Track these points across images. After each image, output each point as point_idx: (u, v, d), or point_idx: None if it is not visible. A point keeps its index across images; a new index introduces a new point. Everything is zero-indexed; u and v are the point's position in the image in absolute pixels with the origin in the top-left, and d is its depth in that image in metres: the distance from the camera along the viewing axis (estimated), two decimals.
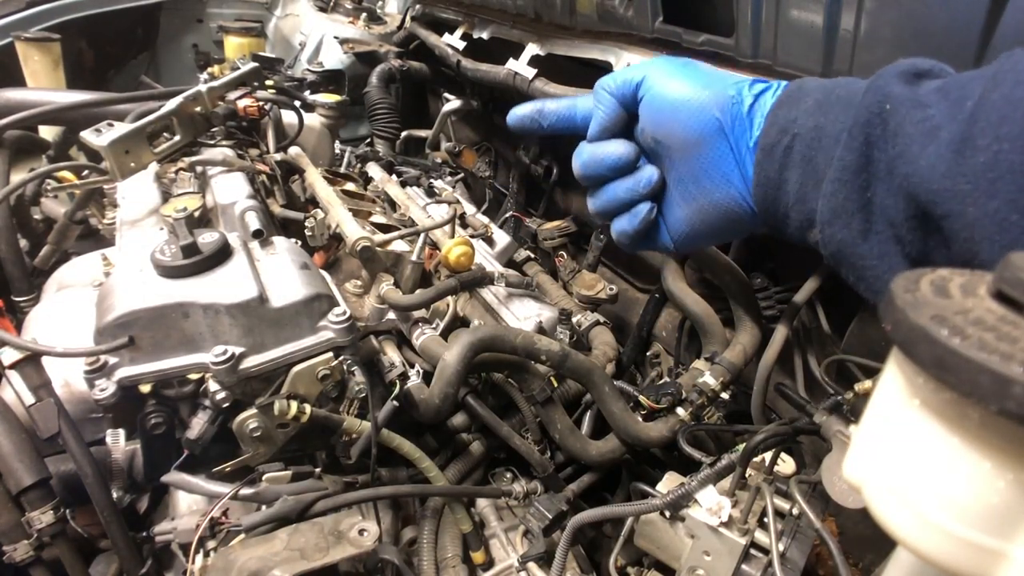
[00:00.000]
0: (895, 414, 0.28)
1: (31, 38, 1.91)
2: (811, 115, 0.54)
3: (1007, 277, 0.26)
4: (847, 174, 0.50)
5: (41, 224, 1.51)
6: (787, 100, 0.57)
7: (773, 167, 0.56)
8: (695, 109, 0.61)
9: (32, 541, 0.76)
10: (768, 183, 0.57)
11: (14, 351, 0.81)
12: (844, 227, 0.51)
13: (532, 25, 1.62)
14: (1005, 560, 0.25)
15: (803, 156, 0.54)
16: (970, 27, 0.70)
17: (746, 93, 0.60)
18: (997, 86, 0.41)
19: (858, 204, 0.50)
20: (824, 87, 0.55)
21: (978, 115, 0.41)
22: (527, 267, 1.50)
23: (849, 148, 0.49)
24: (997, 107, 0.40)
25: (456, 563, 0.96)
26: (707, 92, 0.61)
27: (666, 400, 1.05)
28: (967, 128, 0.41)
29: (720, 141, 0.61)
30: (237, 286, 0.84)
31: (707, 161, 0.62)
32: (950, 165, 0.42)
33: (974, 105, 0.41)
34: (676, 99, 0.63)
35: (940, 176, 0.42)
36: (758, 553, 0.78)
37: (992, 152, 0.39)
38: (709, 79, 0.63)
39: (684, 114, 0.62)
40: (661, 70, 0.65)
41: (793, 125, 0.55)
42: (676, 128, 0.63)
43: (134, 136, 1.14)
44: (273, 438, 0.87)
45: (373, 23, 2.66)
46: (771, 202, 0.58)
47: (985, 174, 0.39)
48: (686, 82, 0.63)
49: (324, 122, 1.67)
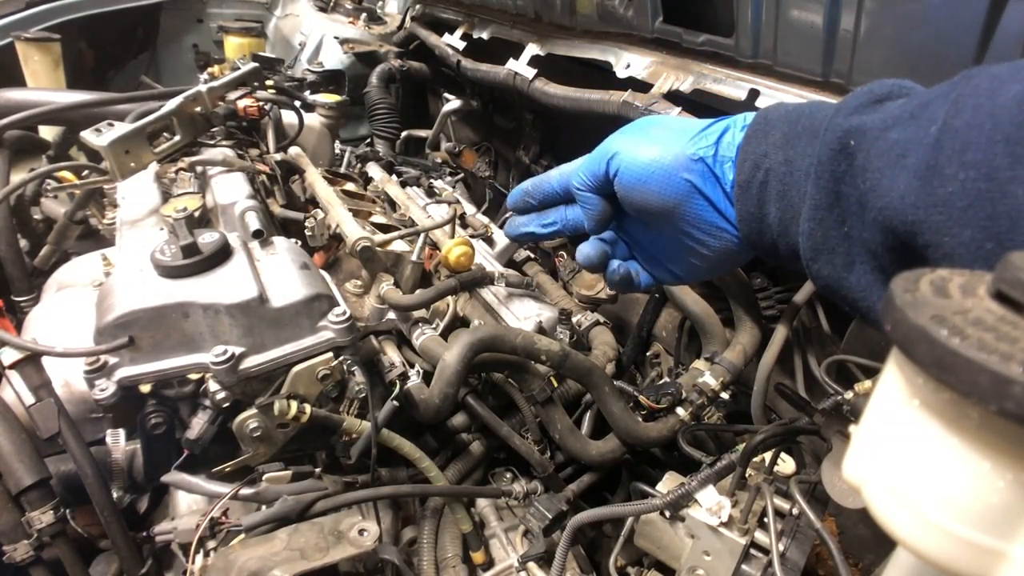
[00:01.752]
0: (895, 414, 0.28)
1: (31, 38, 1.92)
2: (780, 148, 0.54)
3: (1006, 277, 0.26)
4: (820, 212, 0.50)
5: (41, 224, 1.51)
6: (755, 134, 0.57)
7: (752, 203, 0.57)
8: (662, 178, 0.62)
9: (32, 541, 0.76)
10: (751, 218, 0.58)
11: (14, 351, 0.81)
12: (827, 263, 0.51)
13: (532, 25, 1.62)
14: (1005, 560, 0.25)
15: (778, 192, 0.54)
16: (970, 27, 0.70)
17: (705, 146, 0.60)
18: (959, 112, 0.40)
19: (837, 239, 0.50)
20: (789, 117, 0.56)
21: (943, 142, 0.40)
22: (527, 267, 1.50)
23: (818, 187, 0.50)
24: (960, 134, 0.40)
25: (456, 563, 0.96)
26: (669, 157, 0.61)
27: (666, 400, 1.05)
28: (933, 156, 0.41)
29: (696, 199, 0.61)
30: (237, 286, 0.84)
31: (691, 218, 0.63)
32: (920, 196, 0.41)
33: (938, 131, 0.41)
34: (642, 171, 0.63)
35: (912, 207, 0.42)
36: (758, 553, 0.78)
37: (959, 181, 0.39)
38: (669, 140, 0.63)
39: (653, 184, 0.62)
40: (623, 142, 0.65)
41: (764, 160, 0.55)
42: (650, 198, 0.63)
43: (134, 136, 1.14)
44: (273, 438, 0.87)
45: (373, 23, 2.66)
46: (757, 235, 0.59)
47: (955, 203, 0.39)
48: (649, 148, 0.63)
49: (324, 122, 1.67)
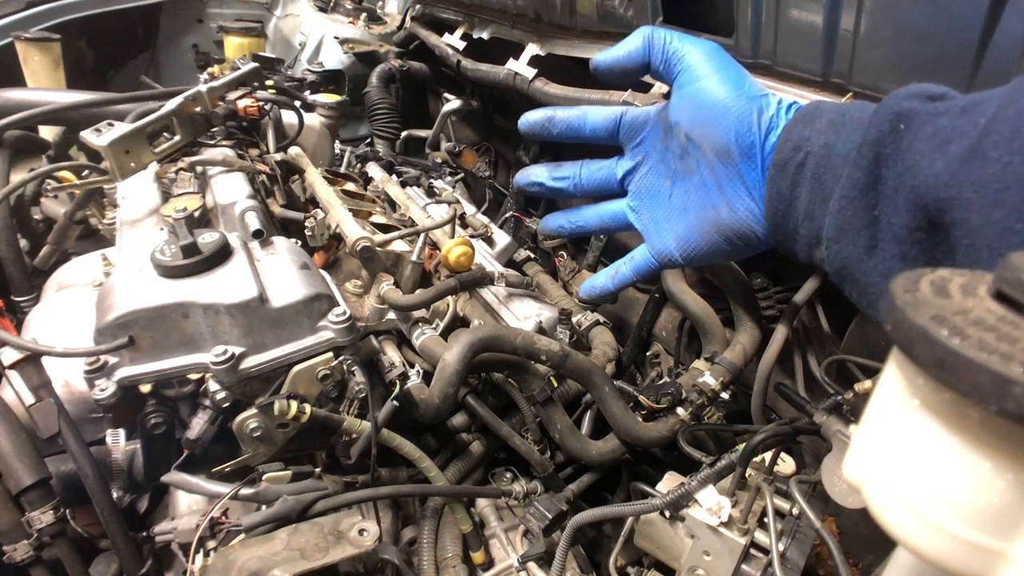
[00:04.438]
0: (895, 414, 0.28)
1: (31, 38, 1.91)
2: (823, 133, 0.55)
3: (1007, 277, 0.26)
4: (855, 191, 0.50)
5: (41, 224, 1.51)
6: (802, 118, 0.58)
7: (785, 183, 0.57)
8: (734, 119, 0.61)
9: (32, 541, 0.76)
10: (780, 199, 0.58)
11: (14, 351, 0.81)
12: (850, 244, 0.51)
13: (532, 25, 1.62)
14: (1005, 560, 0.25)
15: (813, 174, 0.55)
16: (970, 27, 0.70)
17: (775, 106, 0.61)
18: (1012, 103, 0.41)
19: (865, 221, 0.50)
20: (838, 108, 0.57)
21: (991, 128, 0.41)
22: (527, 267, 1.50)
23: (858, 166, 0.50)
24: (1011, 121, 0.40)
25: (456, 563, 0.96)
26: (745, 101, 0.61)
27: (666, 400, 1.05)
28: (979, 140, 0.42)
29: (752, 155, 0.61)
30: (237, 286, 0.84)
31: (733, 173, 0.62)
32: (955, 174, 0.42)
33: (988, 120, 0.42)
34: (718, 103, 0.62)
35: (945, 184, 0.43)
36: (758, 553, 0.78)
37: (1002, 164, 0.40)
38: (748, 86, 0.62)
39: (725, 122, 0.62)
40: (703, 61, 0.64)
41: (806, 143, 0.56)
42: (716, 133, 0.63)
43: (134, 136, 1.14)
44: (273, 438, 0.87)
45: (373, 23, 2.66)
46: (782, 218, 0.59)
47: (992, 184, 0.40)
48: (728, 86, 0.62)
49: (324, 122, 1.67)
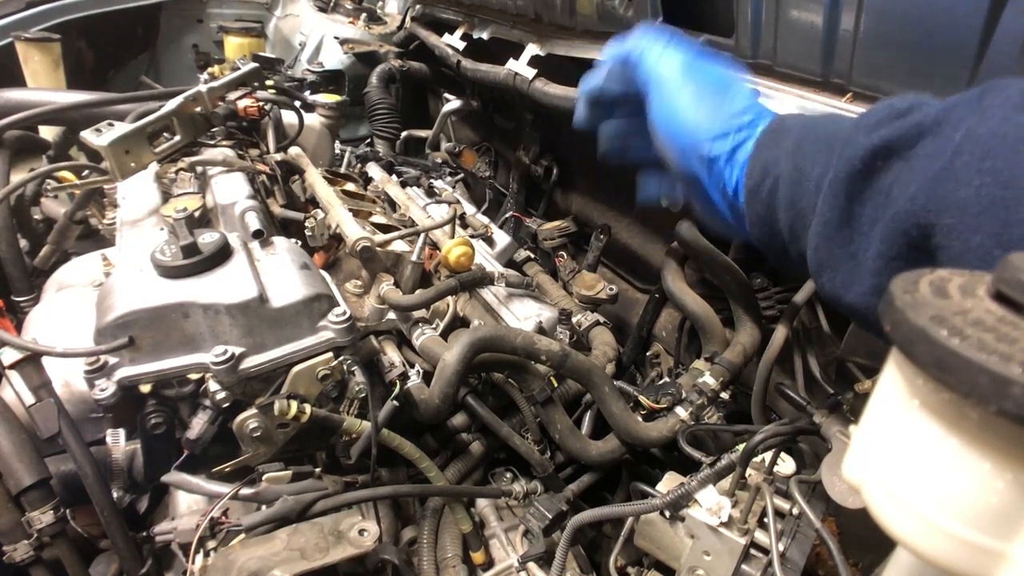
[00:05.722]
0: (894, 415, 0.28)
1: (31, 38, 1.91)
2: (791, 156, 0.54)
3: (1006, 278, 0.26)
4: (828, 229, 0.50)
5: (41, 224, 1.51)
6: (768, 139, 0.57)
7: (762, 208, 0.57)
8: (689, 145, 0.61)
9: (32, 541, 0.76)
10: (761, 222, 0.58)
11: (14, 351, 0.81)
12: (829, 280, 0.51)
13: (532, 25, 1.62)
14: (1005, 560, 0.25)
15: (788, 200, 0.54)
16: (970, 27, 0.70)
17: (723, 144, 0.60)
18: (984, 120, 0.40)
19: (842, 258, 0.50)
20: (803, 126, 0.55)
21: (963, 148, 0.40)
22: (527, 267, 1.50)
23: (830, 205, 0.49)
24: (982, 141, 0.39)
25: (456, 563, 0.96)
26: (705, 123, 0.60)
27: (666, 400, 1.05)
28: (951, 160, 0.41)
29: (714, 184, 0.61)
30: (237, 286, 0.84)
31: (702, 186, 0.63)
32: (931, 197, 0.41)
33: (961, 138, 0.41)
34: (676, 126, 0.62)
35: (923, 208, 0.42)
36: (758, 553, 0.78)
37: (974, 187, 0.39)
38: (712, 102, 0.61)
39: (679, 143, 0.62)
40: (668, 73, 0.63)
41: (775, 166, 0.55)
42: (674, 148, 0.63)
43: (134, 136, 1.14)
44: (273, 438, 0.87)
45: (373, 23, 2.66)
46: (768, 239, 0.59)
47: (968, 209, 0.39)
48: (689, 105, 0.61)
49: (324, 122, 1.67)
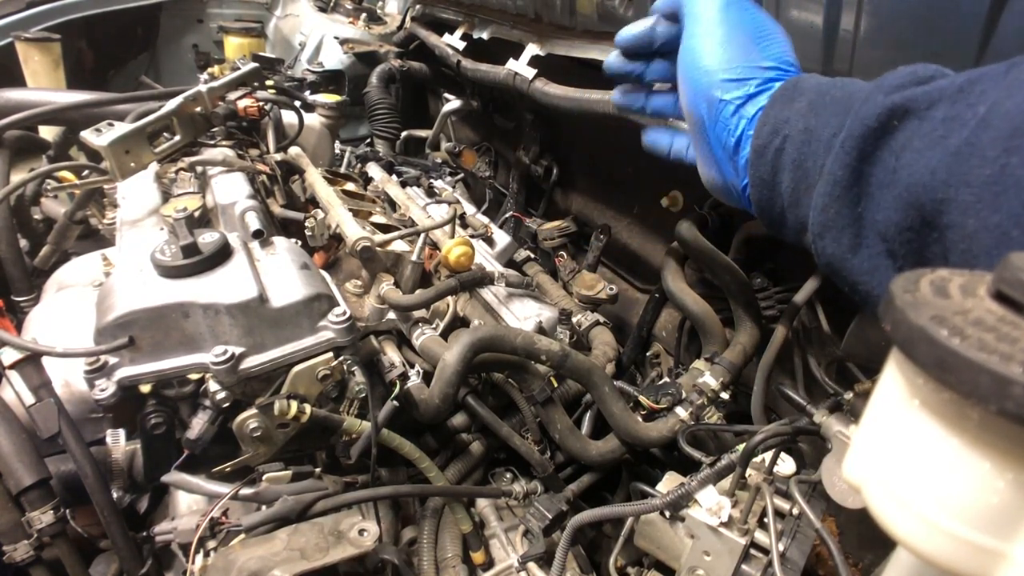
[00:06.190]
0: (895, 414, 0.28)
1: (31, 38, 1.92)
2: (803, 116, 0.53)
3: (1007, 277, 0.26)
4: (838, 189, 0.48)
5: (41, 224, 1.51)
6: (780, 98, 0.56)
7: (766, 169, 0.55)
8: (703, 85, 0.60)
9: (32, 541, 0.76)
10: (762, 185, 0.57)
11: (14, 351, 0.81)
12: (834, 241, 0.50)
13: (532, 25, 1.62)
14: (1005, 560, 0.25)
15: (794, 160, 0.53)
16: (970, 27, 0.70)
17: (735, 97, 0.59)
18: (1011, 94, 0.38)
19: (848, 219, 0.49)
20: (819, 87, 0.54)
21: (990, 121, 0.39)
22: (527, 267, 1.50)
23: (841, 163, 0.48)
24: (1010, 117, 0.38)
25: (456, 563, 0.96)
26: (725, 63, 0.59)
27: (666, 400, 1.05)
28: (976, 134, 0.39)
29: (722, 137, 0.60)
30: (237, 286, 0.84)
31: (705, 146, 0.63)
32: (952, 172, 0.40)
33: (986, 110, 0.39)
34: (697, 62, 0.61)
35: (943, 184, 0.40)
36: (758, 553, 0.78)
37: (999, 165, 0.37)
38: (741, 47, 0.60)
39: (694, 82, 0.61)
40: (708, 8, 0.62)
41: (785, 126, 0.54)
42: (688, 87, 0.62)
43: (134, 136, 1.14)
44: (273, 438, 0.87)
45: (373, 23, 2.66)
46: (767, 203, 0.57)
47: (990, 187, 0.38)
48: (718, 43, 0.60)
49: (324, 122, 1.67)
